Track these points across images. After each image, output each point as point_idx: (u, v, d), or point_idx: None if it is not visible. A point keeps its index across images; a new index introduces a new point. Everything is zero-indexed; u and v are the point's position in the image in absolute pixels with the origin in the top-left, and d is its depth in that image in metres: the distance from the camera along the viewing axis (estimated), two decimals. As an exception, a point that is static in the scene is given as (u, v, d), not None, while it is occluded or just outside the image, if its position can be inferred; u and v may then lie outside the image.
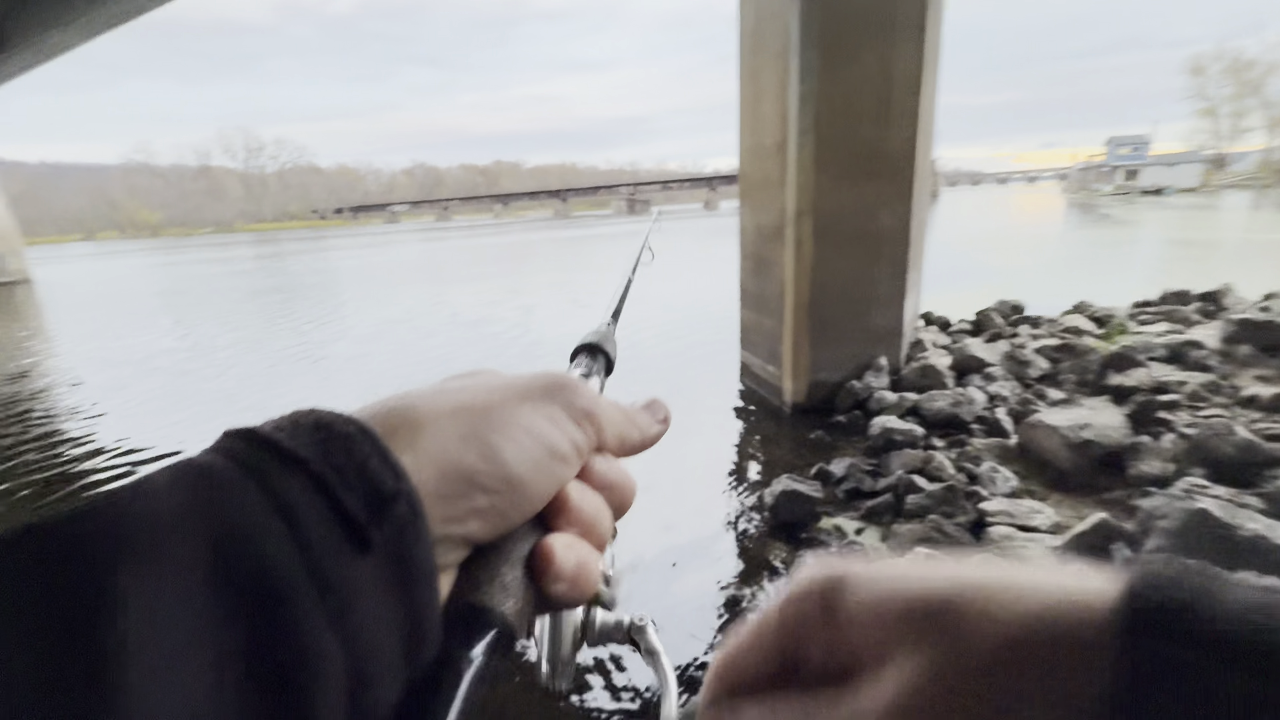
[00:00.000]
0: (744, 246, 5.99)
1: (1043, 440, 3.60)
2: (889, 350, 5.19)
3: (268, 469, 0.19)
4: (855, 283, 4.99)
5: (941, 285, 10.09)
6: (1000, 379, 4.79)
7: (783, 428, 5.00)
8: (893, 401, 4.69)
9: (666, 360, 7.16)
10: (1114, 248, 17.40)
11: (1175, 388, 4.05)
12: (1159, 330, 5.35)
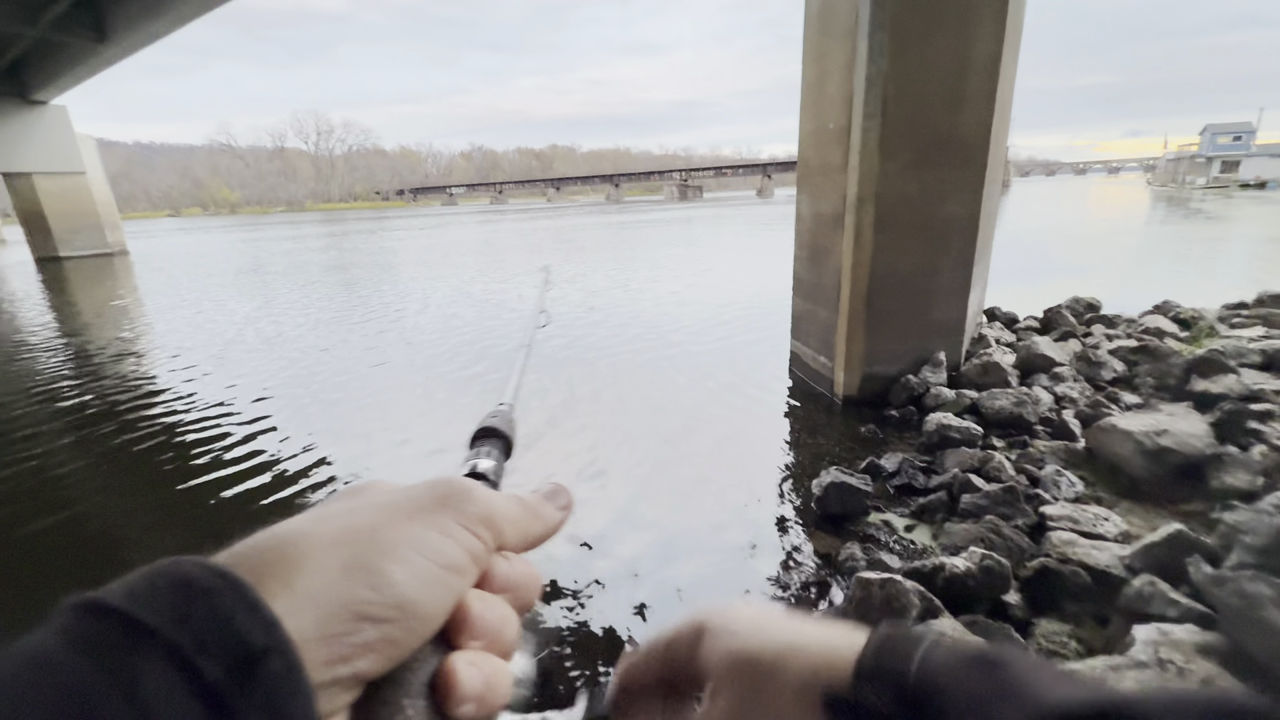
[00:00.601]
0: (800, 234, 5.87)
1: (1114, 445, 3.42)
2: (949, 345, 5.01)
3: (111, 647, 0.18)
4: (917, 274, 4.82)
5: (1010, 280, 9.61)
6: (1069, 380, 4.56)
7: (833, 420, 4.92)
8: (950, 398, 4.54)
9: (713, 353, 7.13)
10: (1206, 245, 16.07)
11: (1270, 397, 3.75)
12: (1253, 334, 4.94)
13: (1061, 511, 3.04)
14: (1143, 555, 2.51)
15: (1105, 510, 3.13)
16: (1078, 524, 2.93)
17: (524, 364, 0.51)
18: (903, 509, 3.50)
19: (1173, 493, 3.19)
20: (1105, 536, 2.83)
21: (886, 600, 2.28)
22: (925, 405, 4.62)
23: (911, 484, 3.67)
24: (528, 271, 14.87)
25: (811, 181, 5.52)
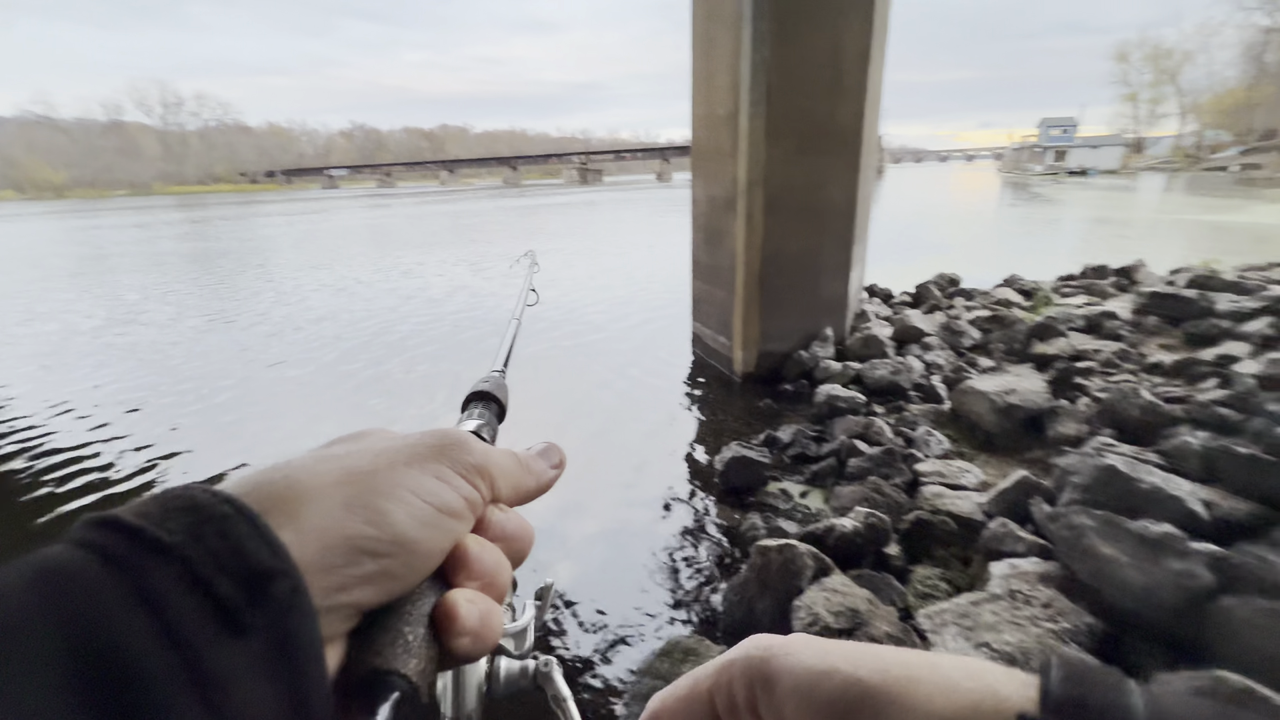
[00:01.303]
0: (696, 218, 6.00)
1: (973, 405, 3.83)
2: (835, 321, 5.36)
3: (130, 559, 0.18)
4: (804, 255, 5.09)
5: (885, 258, 10.45)
6: (937, 348, 5.04)
7: (733, 397, 5.12)
8: (837, 370, 4.86)
9: (619, 334, 7.17)
10: (1042, 225, 18.37)
11: (1091, 355, 4.37)
12: (1079, 302, 5.73)
13: (931, 468, 3.37)
14: (997, 501, 2.85)
15: (967, 464, 3.51)
16: (945, 478, 3.26)
17: (515, 334, 0.54)
18: (798, 477, 3.73)
19: (1020, 443, 3.64)
20: (967, 487, 3.18)
21: (784, 564, 2.41)
22: (816, 378, 4.93)
23: (805, 453, 3.91)
24: (442, 265, 14.11)
25: (705, 166, 5.64)
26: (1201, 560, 2.09)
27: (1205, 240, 12.47)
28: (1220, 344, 4.13)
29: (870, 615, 2.17)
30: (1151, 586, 2.03)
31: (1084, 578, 2.18)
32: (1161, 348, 4.44)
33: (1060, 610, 2.08)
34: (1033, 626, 1.95)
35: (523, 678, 0.33)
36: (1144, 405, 3.32)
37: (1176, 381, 3.78)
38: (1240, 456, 2.58)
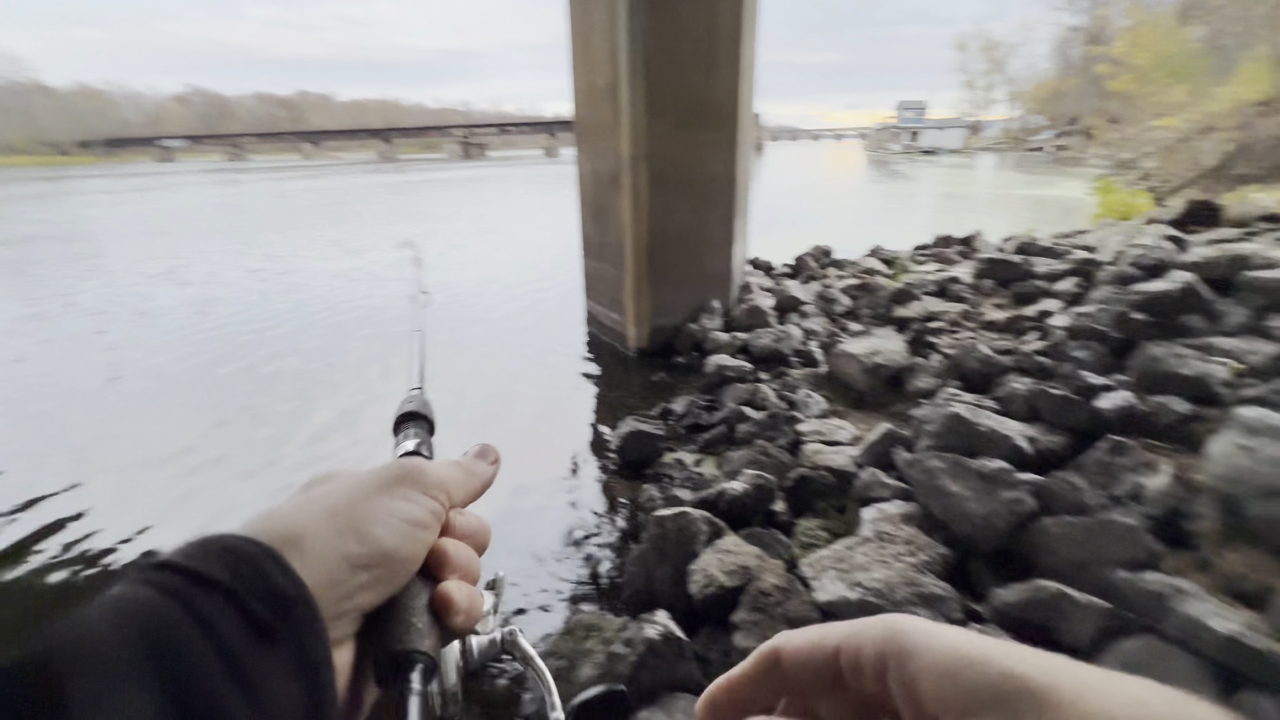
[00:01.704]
0: (583, 195, 5.92)
1: (845, 367, 4.16)
2: (721, 294, 5.56)
3: (187, 592, 0.24)
4: (690, 229, 5.20)
5: (767, 232, 10.99)
6: (814, 316, 5.39)
7: (629, 372, 5.17)
8: (725, 341, 5.06)
9: (513, 316, 6.97)
10: (901, 199, 20.18)
11: (941, 316, 4.89)
12: (931, 269, 6.38)
13: (811, 427, 3.63)
14: (866, 453, 3.12)
15: (842, 421, 3.81)
16: (823, 435, 3.52)
17: (422, 347, 0.56)
18: (692, 446, 3.85)
19: (885, 399, 4.01)
20: (842, 442, 3.46)
21: (679, 531, 2.49)
22: (706, 349, 5.10)
23: (698, 422, 4.05)
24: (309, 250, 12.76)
25: (588, 140, 5.55)
26: (1026, 488, 2.43)
27: (1027, 212, 14.35)
28: (1039, 302, 4.78)
29: (760, 570, 2.30)
30: (988, 515, 2.33)
31: (937, 514, 2.45)
32: (995, 307, 5.07)
33: (919, 545, 2.34)
34: (896, 562, 2.17)
35: (493, 648, 0.40)
36: (981, 358, 3.78)
37: (1007, 336, 4.34)
38: (1054, 397, 3.01)
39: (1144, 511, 2.27)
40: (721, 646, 2.12)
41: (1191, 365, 2.96)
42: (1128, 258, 4.59)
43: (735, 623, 2.10)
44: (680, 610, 2.33)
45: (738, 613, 2.13)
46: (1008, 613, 2.03)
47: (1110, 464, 2.55)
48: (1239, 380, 2.93)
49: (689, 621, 2.30)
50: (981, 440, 2.76)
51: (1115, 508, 2.35)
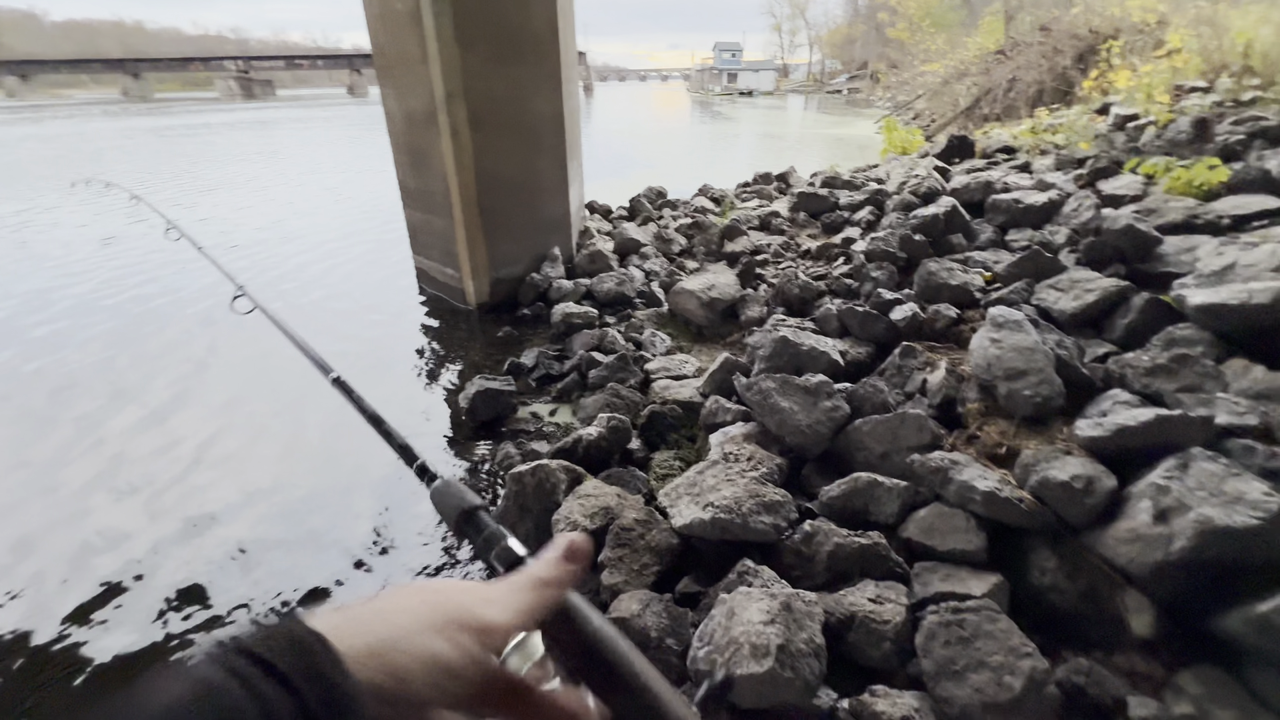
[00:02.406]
0: (395, 137, 5.30)
1: (685, 303, 4.33)
2: (561, 240, 5.43)
3: (253, 676, 0.27)
4: (521, 174, 4.94)
5: (602, 175, 10.89)
6: (653, 257, 5.51)
7: (473, 330, 4.90)
8: (570, 289, 4.99)
9: (332, 279, 6.19)
10: (725, 140, 21.15)
11: (765, 249, 5.27)
12: (753, 205, 6.82)
13: (659, 365, 3.76)
14: (709, 382, 3.32)
15: (686, 355, 4.00)
16: (670, 371, 3.67)
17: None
18: (545, 397, 3.80)
19: (722, 330, 4.27)
20: (687, 375, 3.63)
21: (538, 485, 2.46)
22: (551, 299, 4.99)
23: (549, 373, 3.99)
24: None
25: (393, 75, 4.94)
26: (841, 396, 2.75)
27: (830, 149, 15.89)
28: (844, 230, 5.36)
29: (620, 508, 2.37)
30: (813, 424, 2.61)
31: (773, 429, 2.70)
32: (810, 237, 5.59)
33: (760, 460, 2.56)
34: (741, 479, 2.36)
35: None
36: (801, 285, 4.16)
37: (820, 263, 4.82)
38: (859, 313, 3.42)
39: (929, 403, 2.70)
40: (591, 586, 2.17)
41: (956, 276, 3.53)
42: (908, 188, 5.28)
43: (602, 562, 2.16)
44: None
45: (603, 552, 2.19)
46: (833, 505, 2.32)
47: (903, 366, 2.98)
48: (989, 285, 3.56)
49: (557, 570, 2.32)
50: (805, 358, 3.07)
51: (908, 403, 2.77)
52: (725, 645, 1.64)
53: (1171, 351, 2.46)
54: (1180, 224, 3.59)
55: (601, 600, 2.08)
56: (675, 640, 1.84)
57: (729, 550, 2.14)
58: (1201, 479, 1.80)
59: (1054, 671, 1.63)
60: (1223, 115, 5.27)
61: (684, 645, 1.81)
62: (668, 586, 2.12)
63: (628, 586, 2.04)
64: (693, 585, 2.09)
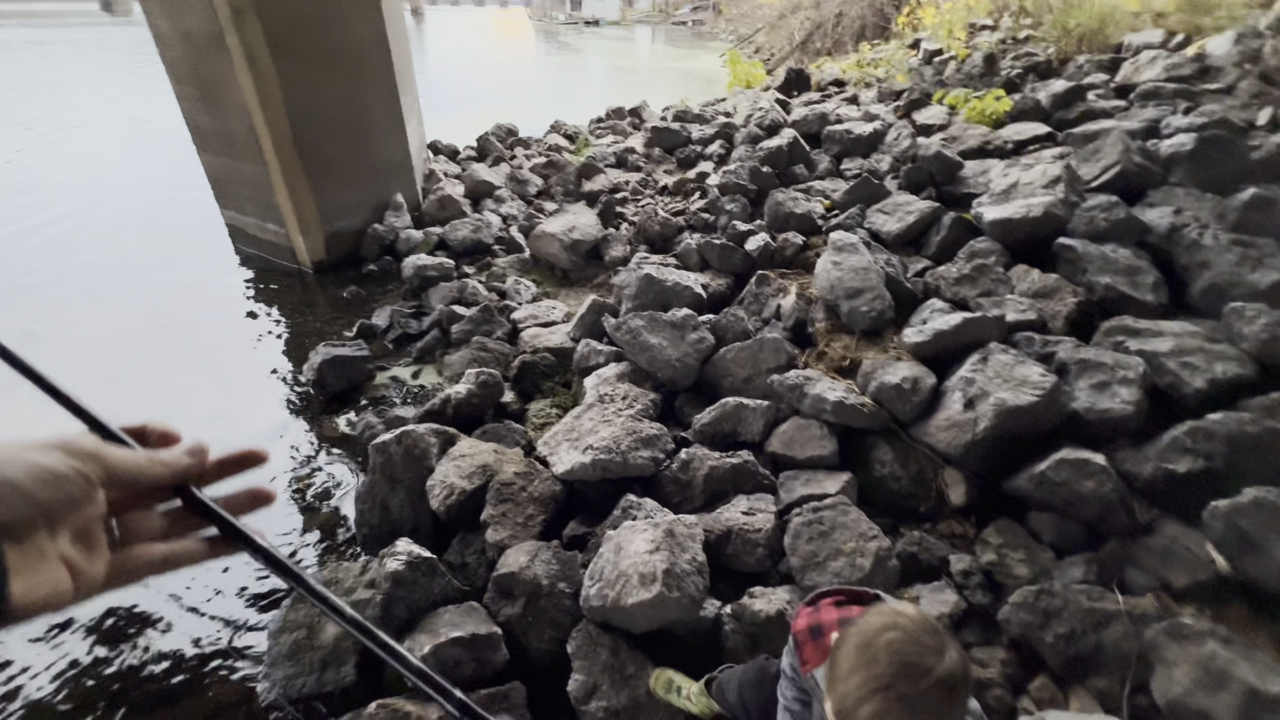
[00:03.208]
0: (172, 65, 4.36)
1: (547, 247, 4.18)
2: (403, 186, 4.92)
3: None
4: (345, 109, 4.34)
5: (443, 112, 9.96)
6: (509, 200, 5.21)
7: (310, 292, 4.36)
8: (420, 239, 4.59)
9: (128, 248, 5.11)
10: (574, 73, 20.26)
11: (623, 187, 5.21)
12: (608, 141, 6.66)
13: (526, 313, 3.63)
14: (579, 326, 3.27)
15: (554, 301, 3.90)
16: (538, 319, 3.56)
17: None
18: (406, 359, 3.53)
19: (588, 273, 4.21)
20: (556, 321, 3.55)
21: (406, 452, 2.30)
22: (399, 251, 4.56)
23: (407, 332, 3.69)
24: None
25: (156, -18, 3.99)
26: (706, 328, 2.86)
27: (679, 83, 15.89)
28: (698, 165, 5.44)
29: (499, 463, 2.30)
30: (682, 357, 2.69)
31: (644, 366, 2.75)
32: (666, 173, 5.61)
33: (634, 397, 2.60)
34: (617, 418, 2.39)
35: None
36: (661, 221, 4.19)
37: (677, 198, 4.87)
38: (717, 246, 3.53)
39: (784, 326, 2.90)
40: (476, 547, 2.11)
41: (801, 205, 3.75)
42: (754, 121, 5.45)
43: (485, 520, 2.10)
44: (426, 530, 2.22)
45: (485, 510, 2.12)
46: (706, 431, 2.45)
47: (759, 294, 3.15)
48: (829, 212, 3.84)
49: (440, 537, 2.22)
50: (670, 294, 3.12)
51: (766, 328, 2.95)
52: (615, 579, 1.68)
53: (973, 262, 2.84)
54: (976, 149, 4.09)
55: (489, 558, 2.04)
56: (567, 584, 1.86)
57: (612, 488, 2.18)
58: (998, 369, 2.13)
59: (895, 546, 1.90)
60: (1005, 51, 6.01)
61: (576, 587, 1.84)
62: (555, 533, 2.13)
63: (514, 540, 2.01)
64: (580, 528, 2.12)
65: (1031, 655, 1.68)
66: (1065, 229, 2.87)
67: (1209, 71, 4.38)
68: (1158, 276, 2.58)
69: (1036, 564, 1.84)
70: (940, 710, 0.77)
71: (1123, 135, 3.28)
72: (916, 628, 0.81)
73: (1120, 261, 2.61)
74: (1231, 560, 1.67)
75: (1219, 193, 2.91)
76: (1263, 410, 1.91)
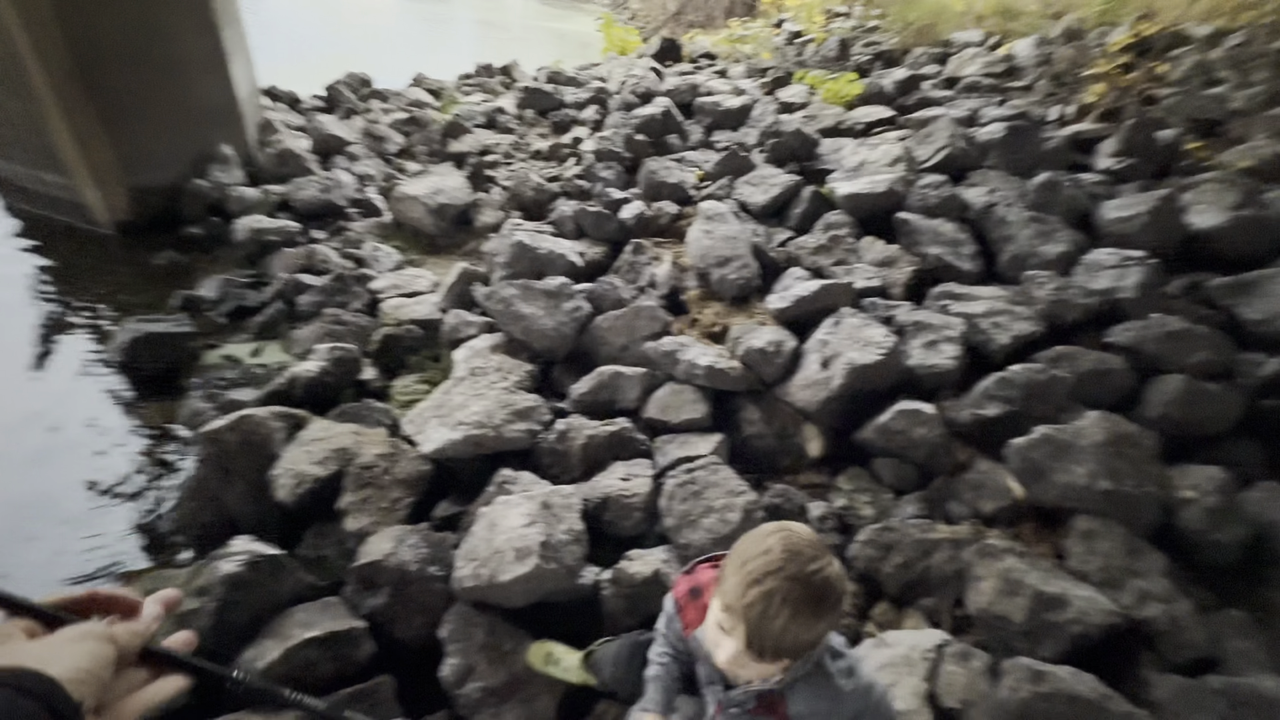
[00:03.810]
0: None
1: (410, 211, 3.86)
2: (231, 136, 4.26)
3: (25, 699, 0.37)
4: (143, 37, 3.62)
5: (283, 56, 8.75)
6: (364, 157, 4.72)
7: (111, 259, 3.67)
8: (256, 198, 4.02)
9: None
10: (439, 24, 18.76)
11: (494, 149, 4.93)
12: (477, 100, 6.25)
13: (387, 282, 3.33)
14: (447, 296, 3.07)
15: (419, 269, 3.62)
16: (401, 288, 3.29)
17: None
18: (243, 335, 3.11)
19: (457, 239, 3.96)
20: (422, 291, 3.31)
21: (244, 440, 2.03)
22: (230, 211, 3.95)
23: (243, 304, 3.24)
24: None
25: None
26: (583, 296, 2.81)
27: (553, 44, 15.32)
28: (572, 129, 5.29)
29: (359, 445, 2.11)
30: (558, 326, 2.63)
31: (519, 336, 2.65)
32: (539, 136, 5.39)
33: (509, 370, 2.51)
34: (490, 391, 2.29)
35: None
36: (535, 187, 4.02)
37: (552, 163, 4.71)
38: (592, 214, 3.47)
39: (658, 294, 2.93)
40: (334, 538, 1.93)
41: (674, 174, 3.79)
42: (628, 87, 5.39)
43: (343, 508, 1.92)
44: (272, 525, 1.99)
45: (343, 497, 1.94)
46: (583, 400, 2.42)
47: (635, 262, 3.16)
48: (701, 183, 3.92)
49: (289, 532, 2.00)
50: (544, 262, 3.02)
51: (641, 296, 2.96)
52: (490, 557, 1.62)
53: (829, 234, 3.05)
54: (832, 128, 4.38)
55: (349, 548, 1.87)
56: (439, 567, 1.76)
57: (486, 464, 2.09)
58: (849, 331, 2.32)
59: (761, 499, 2.02)
60: (857, 38, 6.47)
61: (449, 569, 1.75)
62: (425, 515, 2.00)
63: (378, 527, 1.86)
64: (452, 507, 2.01)
65: (875, 585, 1.89)
66: (904, 204, 3.18)
67: (1015, 71, 5.04)
68: (975, 248, 2.95)
69: (879, 505, 2.06)
70: (819, 602, 0.83)
71: (951, 122, 3.67)
72: (806, 534, 0.88)
73: (946, 234, 2.94)
74: (1026, 486, 1.98)
75: (1021, 176, 3.38)
76: (1049, 361, 2.27)
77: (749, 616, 0.82)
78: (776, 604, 0.81)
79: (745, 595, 0.82)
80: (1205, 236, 2.87)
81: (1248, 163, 3.44)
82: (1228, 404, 2.12)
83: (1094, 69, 4.48)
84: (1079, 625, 1.56)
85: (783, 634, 0.81)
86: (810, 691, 0.96)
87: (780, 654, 0.85)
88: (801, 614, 0.81)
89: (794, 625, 0.81)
